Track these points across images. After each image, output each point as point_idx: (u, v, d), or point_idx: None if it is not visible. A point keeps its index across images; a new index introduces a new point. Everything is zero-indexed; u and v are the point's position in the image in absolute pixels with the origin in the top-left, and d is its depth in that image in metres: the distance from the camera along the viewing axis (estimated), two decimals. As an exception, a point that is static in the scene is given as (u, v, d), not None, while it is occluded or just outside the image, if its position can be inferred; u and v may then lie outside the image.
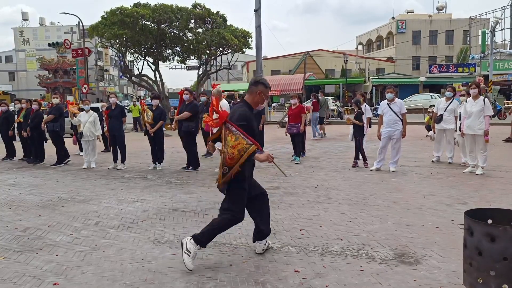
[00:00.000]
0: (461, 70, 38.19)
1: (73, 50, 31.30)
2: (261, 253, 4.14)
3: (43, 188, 7.75)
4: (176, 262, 3.99)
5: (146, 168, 9.62)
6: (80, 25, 32.40)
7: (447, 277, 3.54)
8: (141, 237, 4.79)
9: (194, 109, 9.07)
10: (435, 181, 7.52)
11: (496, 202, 5.86)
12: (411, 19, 52.90)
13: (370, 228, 4.88)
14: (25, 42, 66.26)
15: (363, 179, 7.85)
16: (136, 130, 21.20)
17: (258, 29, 20.70)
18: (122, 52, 25.01)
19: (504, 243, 2.84)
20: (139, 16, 21.98)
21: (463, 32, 50.37)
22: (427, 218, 5.21)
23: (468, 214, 3.14)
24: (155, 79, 24.95)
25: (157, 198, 6.68)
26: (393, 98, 8.51)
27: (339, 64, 47.22)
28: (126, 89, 73.64)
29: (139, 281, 3.62)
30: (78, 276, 3.75)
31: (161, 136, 9.58)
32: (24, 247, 4.54)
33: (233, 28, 24.65)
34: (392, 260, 3.92)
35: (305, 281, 3.53)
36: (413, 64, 51.77)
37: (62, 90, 44.94)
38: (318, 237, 4.59)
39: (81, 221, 5.49)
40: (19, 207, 6.35)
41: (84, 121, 9.99)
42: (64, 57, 47.82)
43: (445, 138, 9.33)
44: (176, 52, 25.27)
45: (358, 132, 9.06)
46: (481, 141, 7.85)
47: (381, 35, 57.58)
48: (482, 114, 7.78)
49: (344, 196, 6.47)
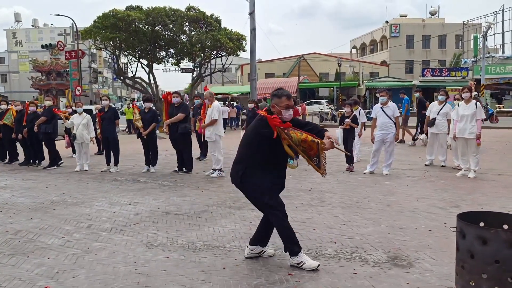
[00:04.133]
0: (453, 74, 38.51)
1: (67, 52, 31.14)
2: (247, 257, 4.10)
3: (35, 191, 7.68)
4: (169, 265, 3.97)
5: (139, 171, 9.57)
6: (73, 27, 32.25)
7: (440, 279, 3.55)
8: (133, 240, 4.76)
9: (186, 110, 9.12)
10: (428, 184, 7.55)
11: (488, 205, 5.89)
12: (405, 23, 53.26)
13: (364, 231, 4.89)
14: (18, 43, 65.82)
15: (357, 182, 7.86)
16: (130, 132, 21.12)
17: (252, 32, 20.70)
18: (116, 54, 24.96)
19: (496, 246, 2.85)
20: (131, 19, 21.94)
21: (456, 37, 50.80)
22: (420, 221, 5.23)
23: (460, 217, 3.15)
24: (149, 82, 24.90)
25: (150, 201, 6.65)
26: (386, 101, 8.55)
27: (333, 68, 47.35)
28: (120, 92, 73.40)
29: (131, 284, 3.59)
30: (70, 279, 3.72)
31: (154, 139, 9.55)
32: (15, 250, 4.50)
33: (227, 31, 24.68)
34: (385, 263, 3.93)
35: (299, 284, 3.53)
36: (407, 68, 52.09)
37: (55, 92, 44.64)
38: (311, 240, 4.59)
39: (73, 224, 5.44)
40: (10, 210, 6.29)
41: (77, 123, 9.92)
42: (57, 59, 47.51)
43: (437, 142, 9.38)
44: (170, 54, 25.25)
45: (351, 133, 9.09)
46: (473, 144, 7.90)
47: (375, 39, 57.91)
48: (474, 117, 7.84)
49: (337, 199, 6.48)
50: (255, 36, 20.96)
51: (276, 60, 53.79)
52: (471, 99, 8.08)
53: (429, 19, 54.99)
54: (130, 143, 14.34)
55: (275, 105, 3.81)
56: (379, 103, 8.67)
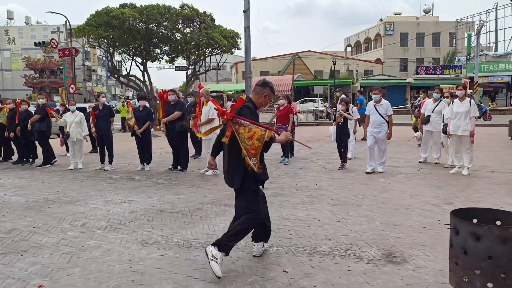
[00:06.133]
0: (447, 72, 38.71)
1: (60, 50, 30.91)
2: (259, 255, 4.08)
3: (28, 189, 7.64)
4: (164, 263, 3.97)
5: (134, 169, 9.54)
6: (67, 25, 32.02)
7: (434, 276, 3.58)
8: (128, 238, 4.75)
9: (183, 108, 9.10)
10: (422, 181, 7.59)
11: (481, 202, 5.94)
12: (399, 21, 53.42)
13: (358, 228, 4.91)
14: (11, 41, 65.27)
15: (351, 179, 7.89)
16: (124, 130, 21.03)
17: (247, 30, 20.65)
18: (109, 52, 24.81)
19: (489, 242, 2.88)
20: (125, 17, 21.83)
21: (450, 35, 51.05)
22: (414, 218, 5.26)
23: (454, 213, 3.17)
24: (143, 80, 24.79)
25: (145, 199, 6.63)
26: (380, 99, 8.56)
27: (327, 66, 47.46)
28: (114, 90, 72.99)
29: (126, 282, 3.59)
30: (64, 278, 3.71)
31: (148, 137, 9.52)
32: (9, 249, 4.47)
33: (221, 28, 24.61)
34: (379, 260, 3.95)
35: (294, 281, 3.54)
36: (401, 65, 52.29)
37: (49, 90, 44.43)
38: (306, 238, 4.60)
39: (68, 223, 5.42)
40: (4, 209, 6.25)
41: (70, 121, 9.87)
42: (50, 57, 47.25)
43: (432, 139, 9.43)
44: (165, 51, 25.14)
45: (344, 132, 9.04)
46: (467, 141, 7.95)
47: (369, 37, 58.03)
48: (468, 115, 7.89)
49: (332, 197, 6.50)
50: (250, 34, 20.92)
51: (271, 58, 53.79)
52: (465, 97, 8.12)
53: (423, 17, 55.20)
54: (124, 141, 14.30)
55: (267, 96, 3.92)
56: (372, 101, 8.69)
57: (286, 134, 3.88)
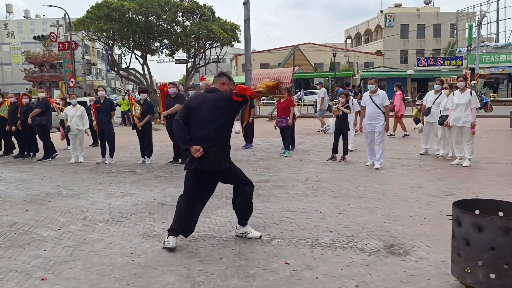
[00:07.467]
0: (448, 64, 38.55)
1: (59, 43, 30.82)
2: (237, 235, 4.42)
3: (30, 183, 7.65)
4: (166, 256, 3.97)
5: (134, 162, 9.55)
6: (66, 18, 31.87)
7: (436, 267, 3.58)
8: (130, 231, 4.76)
9: (183, 100, 9.03)
10: (423, 173, 7.58)
11: (482, 193, 5.93)
12: (399, 12, 53.16)
13: (360, 220, 4.91)
14: (10, 35, 64.99)
15: (352, 171, 7.88)
16: (125, 124, 21.03)
17: (246, 22, 20.59)
18: (109, 45, 24.72)
19: (491, 233, 2.88)
20: (124, 10, 21.71)
21: (450, 26, 50.82)
22: (415, 210, 5.26)
23: (456, 205, 3.17)
24: (143, 73, 24.71)
25: (146, 192, 6.64)
26: (375, 89, 8.15)
27: (328, 58, 47.29)
28: (114, 83, 72.82)
29: (128, 275, 3.60)
30: (67, 271, 3.72)
31: (149, 130, 9.50)
32: (11, 243, 4.48)
33: (221, 21, 24.48)
34: (381, 252, 3.95)
35: (295, 273, 3.54)
36: (401, 57, 52.11)
37: (49, 84, 44.27)
38: (308, 230, 4.61)
39: (69, 216, 5.43)
40: (5, 202, 6.25)
41: (71, 115, 9.86)
42: (50, 51, 47.00)
43: (433, 131, 9.40)
44: (164, 45, 25.04)
45: (343, 125, 8.96)
46: (468, 133, 7.93)
47: (369, 28, 57.78)
48: (469, 106, 7.85)
49: (333, 189, 6.49)
50: (250, 26, 20.85)
51: (271, 51, 53.62)
52: (466, 88, 8.08)
53: (424, 8, 54.90)
54: (125, 135, 14.28)
55: (225, 83, 4.31)
56: (368, 91, 8.33)
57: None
